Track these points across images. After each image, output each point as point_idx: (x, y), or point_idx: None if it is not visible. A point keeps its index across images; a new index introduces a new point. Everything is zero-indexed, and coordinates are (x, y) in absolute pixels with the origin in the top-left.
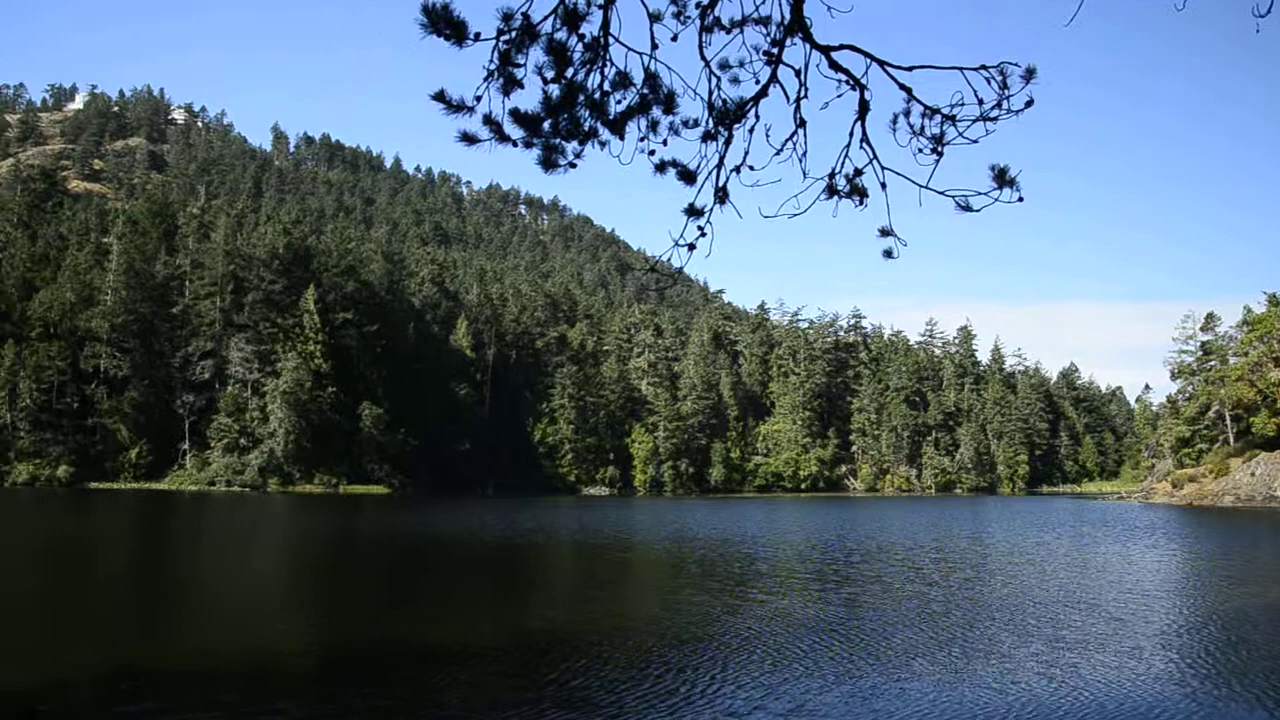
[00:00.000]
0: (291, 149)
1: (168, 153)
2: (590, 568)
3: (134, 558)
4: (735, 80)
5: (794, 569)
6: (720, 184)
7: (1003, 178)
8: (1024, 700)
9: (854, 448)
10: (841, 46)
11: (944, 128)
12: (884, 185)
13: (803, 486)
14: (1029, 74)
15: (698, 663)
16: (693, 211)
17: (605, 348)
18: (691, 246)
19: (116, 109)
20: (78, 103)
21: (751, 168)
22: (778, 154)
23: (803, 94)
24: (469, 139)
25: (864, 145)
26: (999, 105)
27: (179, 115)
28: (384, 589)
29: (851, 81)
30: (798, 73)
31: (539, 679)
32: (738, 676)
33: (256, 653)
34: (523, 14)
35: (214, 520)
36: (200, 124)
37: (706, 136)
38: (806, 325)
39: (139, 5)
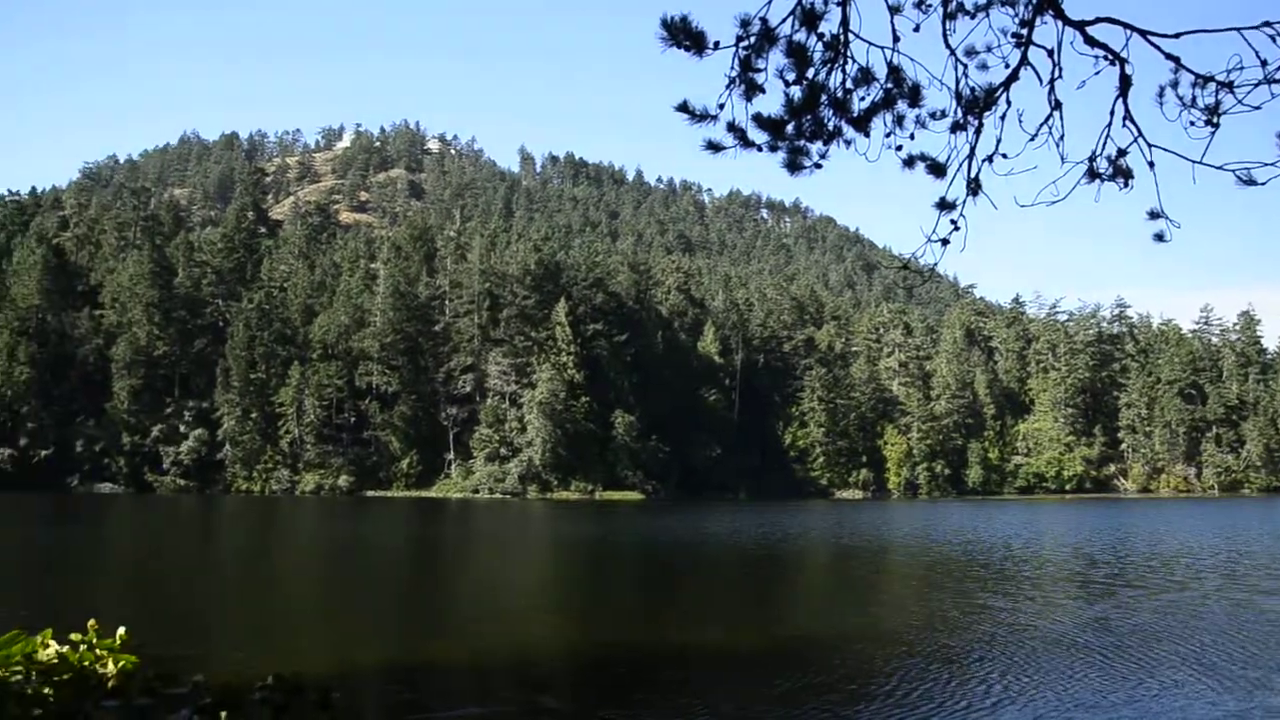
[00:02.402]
0: (538, 169)
1: (425, 181)
2: (865, 570)
3: (410, 559)
4: (983, 66)
5: (1091, 573)
6: (972, 175)
7: None
8: None
9: (1123, 445)
10: (1098, 20)
11: (1219, 96)
12: (1151, 164)
13: (1067, 487)
14: None
15: (1018, 669)
16: (944, 205)
17: (854, 348)
18: (944, 241)
19: (379, 144)
20: (345, 141)
21: (1005, 156)
22: (1032, 139)
23: (1057, 74)
24: (714, 147)
25: (1127, 123)
26: None
27: (434, 145)
28: (645, 591)
29: (1110, 56)
30: (1050, 52)
31: (827, 686)
32: (1078, 690)
33: (523, 650)
34: (760, 18)
35: (480, 525)
36: (453, 152)
37: (955, 127)
38: (1066, 317)
39: (395, 45)
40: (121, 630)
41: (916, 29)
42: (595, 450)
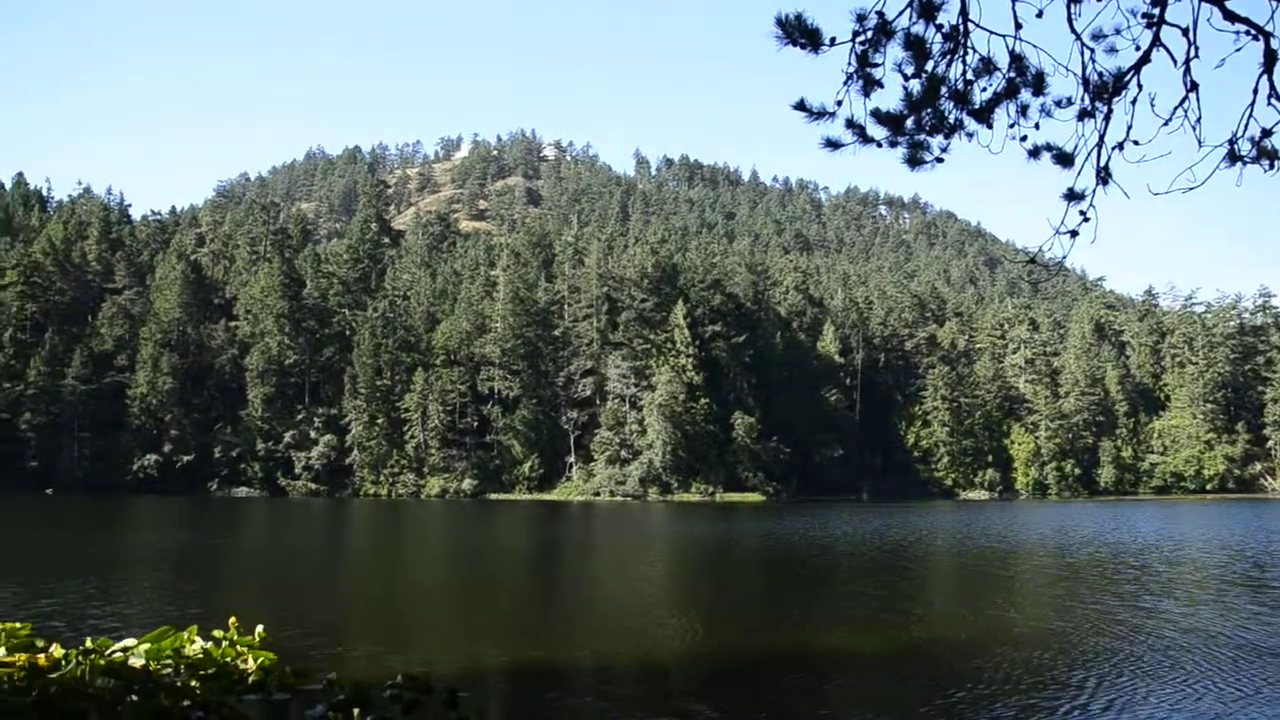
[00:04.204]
0: (653, 172)
1: (542, 188)
2: (1010, 571)
3: (534, 561)
4: (1112, 50)
5: (1262, 577)
6: (1102, 164)
7: None
8: None
9: (1270, 443)
10: None
11: None
12: None
13: (1207, 487)
14: None
15: (1223, 680)
16: (1072, 196)
17: (978, 346)
18: (1073, 233)
19: (496, 153)
20: (463, 151)
21: (1136, 142)
22: (1166, 124)
23: (1192, 54)
24: (833, 144)
25: (1272, 101)
26: None
27: (550, 152)
28: (771, 593)
29: (1253, 30)
30: (1185, 31)
31: (1001, 696)
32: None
33: (648, 652)
34: (876, 12)
35: (602, 527)
36: (569, 158)
37: (1083, 114)
38: (1203, 309)
39: (510, 54)
40: (260, 628)
41: (1039, 15)
42: (715, 452)
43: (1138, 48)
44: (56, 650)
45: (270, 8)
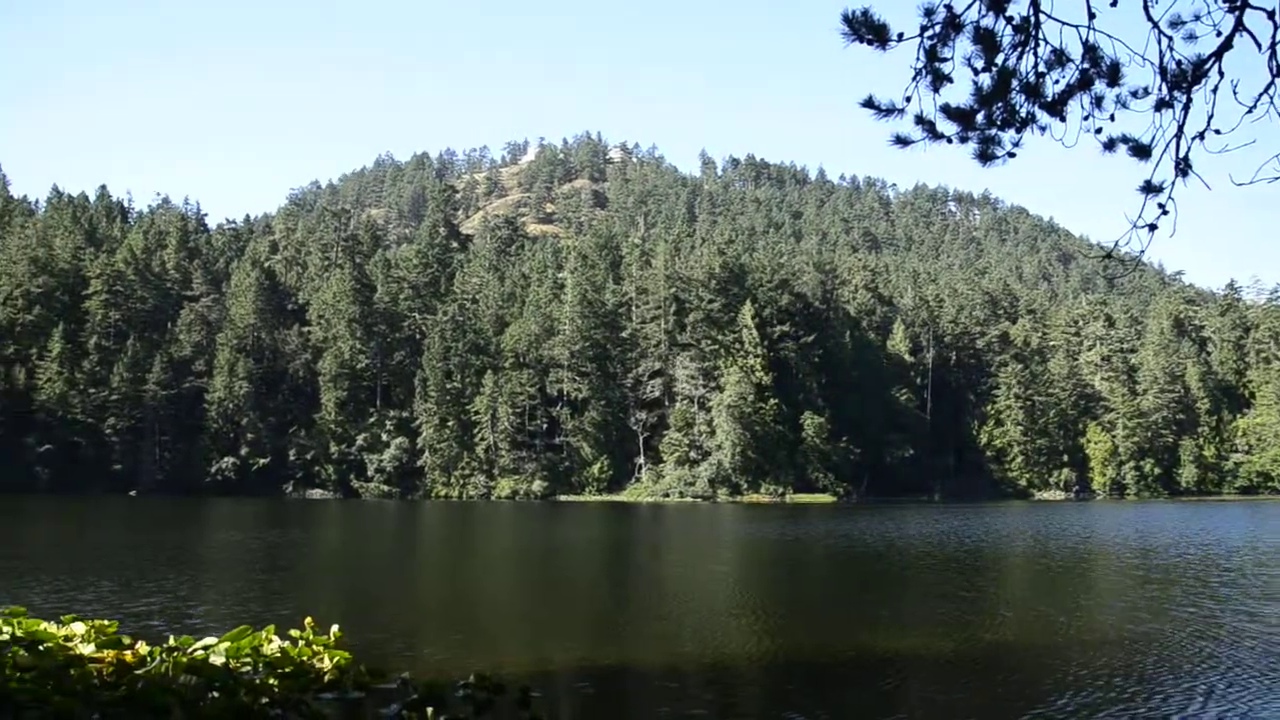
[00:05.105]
0: (719, 172)
1: (608, 190)
2: (1096, 572)
3: (603, 562)
4: (1191, 37)
5: None
6: (1181, 155)
7: None
8: None
9: None
10: None
11: None
12: None
13: None
14: None
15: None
16: (1150, 188)
17: (1052, 343)
18: (1151, 227)
19: (562, 156)
20: (530, 155)
21: (1218, 131)
22: (1249, 111)
23: (1278, 37)
24: (902, 141)
25: None
26: None
27: (616, 155)
28: (843, 594)
29: None
30: (1270, 14)
31: (1108, 702)
32: None
33: (717, 652)
34: (945, 6)
35: (671, 528)
36: (634, 160)
37: (1160, 105)
38: None
39: (574, 57)
40: (335, 627)
41: (1114, 3)
42: (785, 453)
43: (1219, 33)
44: (142, 647)
45: (337, 16)
